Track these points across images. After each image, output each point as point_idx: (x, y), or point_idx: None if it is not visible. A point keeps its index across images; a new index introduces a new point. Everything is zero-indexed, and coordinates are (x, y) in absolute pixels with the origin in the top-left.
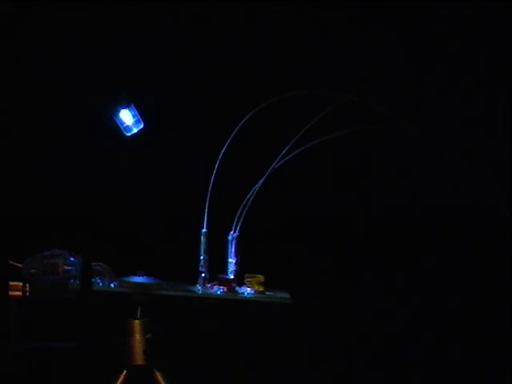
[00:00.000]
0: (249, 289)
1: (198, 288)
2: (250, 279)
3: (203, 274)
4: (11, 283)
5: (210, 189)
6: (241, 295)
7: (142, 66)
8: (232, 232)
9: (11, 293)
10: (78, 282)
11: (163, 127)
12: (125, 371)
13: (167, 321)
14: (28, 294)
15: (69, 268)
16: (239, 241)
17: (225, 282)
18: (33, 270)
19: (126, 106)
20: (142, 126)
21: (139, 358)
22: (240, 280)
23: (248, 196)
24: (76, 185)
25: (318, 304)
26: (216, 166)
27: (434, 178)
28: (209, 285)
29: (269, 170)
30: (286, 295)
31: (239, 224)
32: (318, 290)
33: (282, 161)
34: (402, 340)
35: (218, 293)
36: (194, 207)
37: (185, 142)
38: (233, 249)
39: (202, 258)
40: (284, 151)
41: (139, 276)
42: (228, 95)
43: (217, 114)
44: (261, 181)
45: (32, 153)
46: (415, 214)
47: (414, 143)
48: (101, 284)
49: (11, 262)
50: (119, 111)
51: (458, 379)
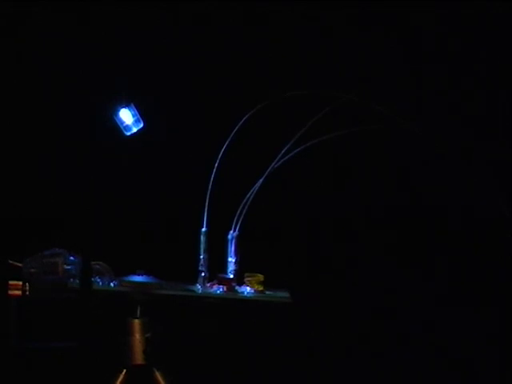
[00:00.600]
0: (248, 288)
1: (198, 287)
2: (249, 278)
3: (203, 274)
4: (11, 282)
5: (209, 188)
6: (240, 294)
7: (141, 66)
8: (232, 231)
9: (11, 292)
10: (77, 282)
11: (163, 127)
12: (124, 371)
13: (167, 320)
14: (28, 293)
15: (68, 267)
16: (239, 240)
17: (224, 281)
18: (32, 270)
19: (126, 106)
20: (141, 125)
21: (139, 358)
22: (240, 279)
23: (248, 195)
24: (76, 184)
25: (318, 303)
26: (216, 165)
27: (434, 178)
28: (208, 284)
29: (268, 169)
30: (286, 294)
31: (239, 223)
32: (318, 289)
33: (282, 160)
34: (402, 340)
35: (218, 292)
36: (193, 206)
37: (184, 141)
38: (232, 248)
39: (201, 257)
40: (284, 150)
41: (139, 275)
42: (228, 95)
43: (216, 113)
44: (260, 180)
45: (32, 152)
46: (415, 214)
47: (413, 143)
48: (100, 283)
49: (11, 262)
50: (119, 110)
51: (458, 379)
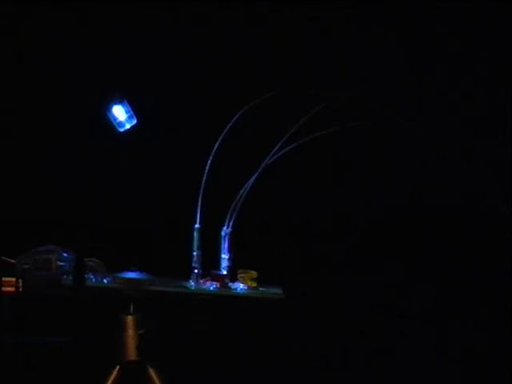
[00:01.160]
0: (242, 284)
1: (191, 284)
2: (243, 275)
3: (196, 270)
4: (4, 279)
5: (203, 184)
6: (234, 291)
7: (136, 64)
8: (225, 228)
9: (4, 288)
10: (70, 278)
11: (156, 123)
12: (118, 367)
13: (160, 317)
14: (21, 289)
15: (62, 264)
16: (232, 236)
17: (218, 277)
18: (26, 266)
19: (119, 102)
20: (134, 121)
21: (132, 354)
22: (233, 276)
23: (241, 192)
24: (69, 183)
25: (311, 300)
26: (209, 161)
27: (434, 178)
28: (202, 280)
29: (262, 165)
30: (279, 291)
31: (232, 220)
32: (311, 285)
33: (275, 156)
34: (401, 339)
35: (211, 288)
36: (187, 203)
37: (178, 137)
38: (226, 244)
39: (194, 253)
40: (277, 147)
41: (132, 272)
42: (222, 92)
43: (210, 109)
44: (254, 176)
45: (28, 152)
46: (415, 214)
47: (414, 143)
48: (94, 280)
49: (4, 258)
50: (112, 107)
51: (457, 379)
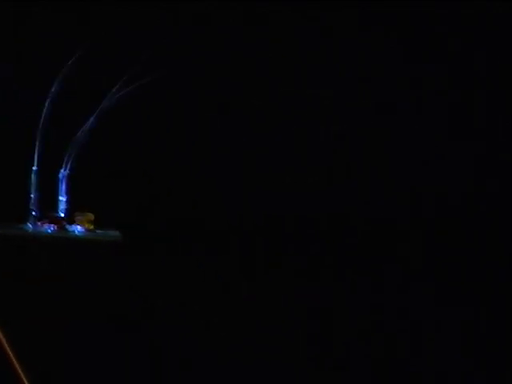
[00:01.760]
0: (79, 227)
1: (29, 226)
2: (80, 217)
3: (34, 213)
4: None
5: (40, 127)
6: (71, 233)
7: None
8: (63, 170)
9: None
10: None
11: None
12: None
13: None
14: None
15: None
16: (70, 179)
17: (55, 220)
18: None
19: None
20: None
21: None
22: (71, 218)
23: (78, 134)
24: None
25: (149, 243)
26: (46, 104)
27: (434, 178)
28: (39, 223)
29: (98, 108)
30: (117, 234)
31: (70, 162)
32: (148, 228)
33: (112, 100)
34: (400, 339)
35: (49, 231)
36: (24, 146)
37: (18, 80)
38: (63, 187)
39: (32, 196)
40: (114, 89)
41: None
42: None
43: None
44: (91, 119)
45: None
46: (415, 214)
47: (414, 143)
48: None
49: None
50: None
51: (458, 379)
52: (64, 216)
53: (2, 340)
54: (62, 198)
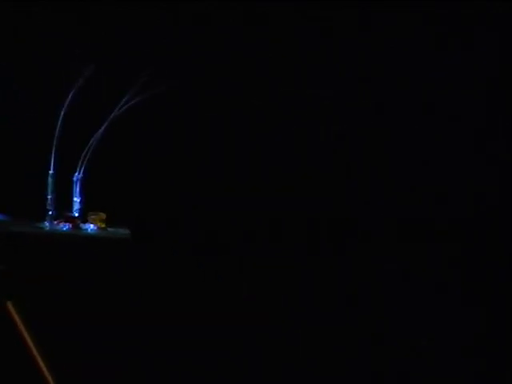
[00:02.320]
0: (92, 225)
1: (46, 225)
2: (93, 217)
3: (50, 212)
4: None
5: (56, 134)
6: (84, 231)
7: None
8: (77, 174)
9: None
10: None
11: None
12: None
13: (16, 255)
14: None
15: None
16: (83, 182)
17: (70, 219)
18: None
19: None
20: None
21: None
22: (84, 217)
23: (91, 141)
24: None
25: (159, 240)
26: (61, 115)
27: (434, 179)
28: (56, 222)
29: (109, 118)
30: (127, 231)
31: (83, 166)
32: (157, 226)
33: (122, 109)
34: (399, 339)
35: (64, 229)
36: (41, 152)
37: (35, 93)
38: (77, 189)
39: (49, 197)
40: (124, 100)
41: None
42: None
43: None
44: (102, 127)
45: None
46: (415, 214)
47: (414, 143)
48: None
49: None
50: None
51: (458, 379)
52: (78, 215)
53: (24, 333)
54: (76, 199)
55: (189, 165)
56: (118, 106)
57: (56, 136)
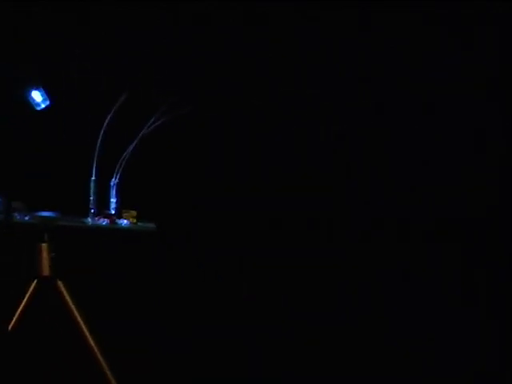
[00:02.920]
0: (125, 220)
1: (89, 220)
2: (126, 214)
3: (92, 210)
4: None
5: (97, 148)
6: (119, 225)
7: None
8: (113, 179)
9: None
10: (2, 216)
11: (64, 102)
12: (36, 280)
13: (65, 244)
14: None
15: None
16: (118, 186)
17: (108, 215)
18: None
19: (36, 88)
20: (48, 103)
21: (46, 270)
22: (119, 214)
23: (124, 154)
24: (7, 148)
25: (184, 232)
26: (101, 133)
27: (434, 179)
28: (96, 218)
29: (139, 136)
30: (153, 226)
31: (118, 174)
32: (184, 221)
33: (149, 129)
34: (398, 338)
35: (104, 224)
36: (84, 161)
37: (82, 114)
38: (114, 192)
39: (91, 198)
40: (150, 121)
41: (45, 211)
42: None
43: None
44: (134, 143)
45: None
46: (415, 214)
47: (414, 143)
48: (18, 217)
49: None
50: (31, 92)
51: (458, 379)
52: (114, 213)
53: (70, 304)
54: (113, 200)
55: (202, 173)
56: (146, 126)
57: (97, 150)
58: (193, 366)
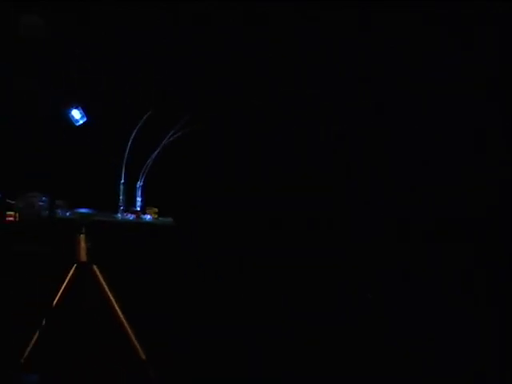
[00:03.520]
0: (149, 216)
1: (119, 216)
2: (149, 210)
3: (121, 207)
4: (7, 213)
5: (125, 157)
6: (144, 220)
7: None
8: (139, 182)
9: (8, 218)
10: (47, 212)
11: (100, 118)
12: (75, 265)
13: (100, 235)
14: (17, 219)
15: (41, 203)
16: (143, 187)
17: (135, 212)
18: (20, 205)
19: (76, 107)
20: (85, 119)
21: (83, 257)
22: (144, 211)
23: (148, 161)
24: (51, 156)
25: (200, 227)
26: (128, 145)
27: (434, 179)
28: (125, 214)
29: (161, 145)
30: (171, 220)
31: (143, 177)
32: (195, 218)
33: (170, 139)
34: (397, 338)
35: (131, 218)
36: (115, 167)
37: (110, 128)
38: (139, 192)
39: (121, 198)
40: (171, 133)
41: (83, 208)
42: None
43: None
44: (156, 151)
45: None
46: (415, 214)
47: (414, 143)
48: (60, 213)
49: (8, 200)
50: (71, 110)
51: (458, 379)
52: (140, 209)
53: (105, 286)
54: (139, 199)
55: (202, 173)
56: (167, 137)
57: (125, 158)
58: (193, 366)
